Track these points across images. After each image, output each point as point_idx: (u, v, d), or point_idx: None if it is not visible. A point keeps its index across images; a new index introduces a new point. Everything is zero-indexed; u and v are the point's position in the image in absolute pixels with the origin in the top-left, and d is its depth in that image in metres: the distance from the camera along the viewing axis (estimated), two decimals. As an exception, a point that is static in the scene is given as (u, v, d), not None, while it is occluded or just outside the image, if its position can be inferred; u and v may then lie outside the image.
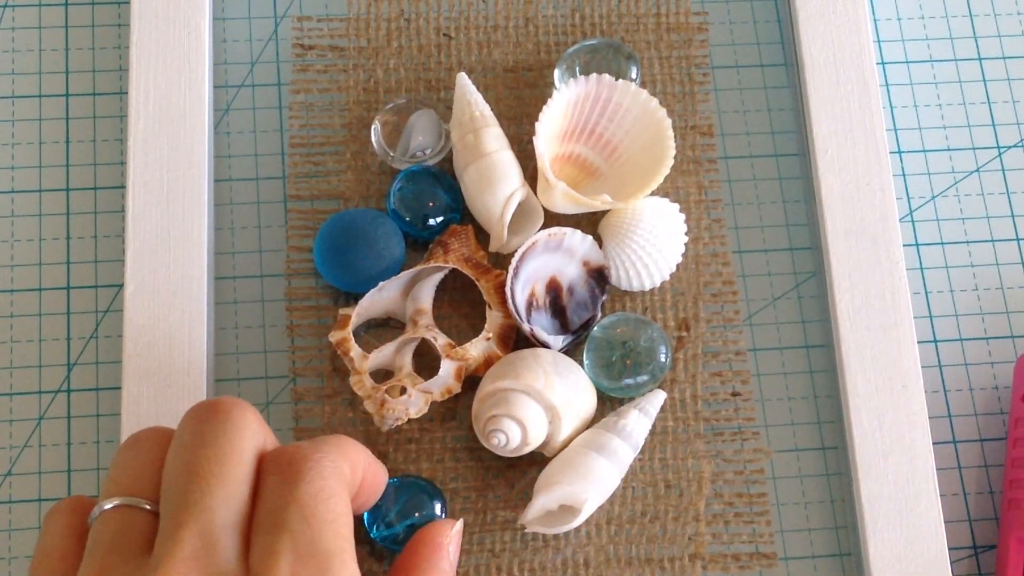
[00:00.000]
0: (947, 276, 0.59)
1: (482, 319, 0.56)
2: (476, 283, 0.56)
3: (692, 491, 0.55)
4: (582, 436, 0.54)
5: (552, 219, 0.57)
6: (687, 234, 0.58)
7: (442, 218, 0.57)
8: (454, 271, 0.56)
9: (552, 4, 0.62)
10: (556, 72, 0.60)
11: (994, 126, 0.62)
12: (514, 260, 0.55)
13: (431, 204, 0.57)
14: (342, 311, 0.55)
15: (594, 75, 0.57)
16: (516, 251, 0.55)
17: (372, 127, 0.58)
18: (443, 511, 0.53)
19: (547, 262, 0.56)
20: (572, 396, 0.53)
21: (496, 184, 0.56)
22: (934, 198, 0.61)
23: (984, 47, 0.63)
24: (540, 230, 0.56)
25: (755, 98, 0.62)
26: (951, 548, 0.54)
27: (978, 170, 0.61)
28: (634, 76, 0.59)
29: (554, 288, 0.56)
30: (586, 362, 0.55)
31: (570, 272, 0.56)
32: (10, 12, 0.62)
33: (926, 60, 0.63)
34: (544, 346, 0.55)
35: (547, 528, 0.52)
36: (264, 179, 0.60)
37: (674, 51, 0.61)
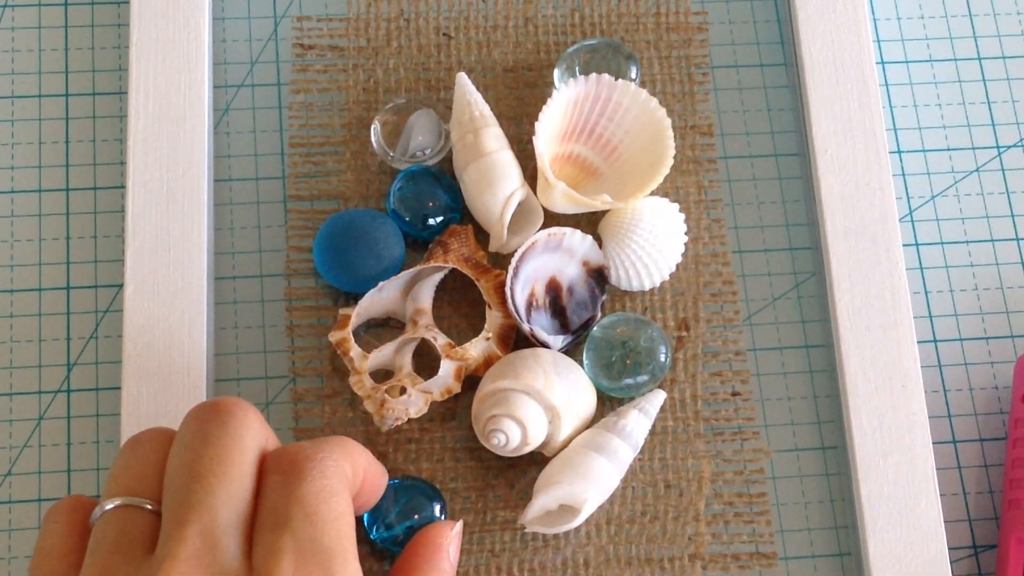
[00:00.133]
0: (947, 276, 0.59)
1: (482, 319, 0.56)
2: (476, 283, 0.56)
3: (692, 491, 0.55)
4: (582, 436, 0.54)
5: (552, 219, 0.57)
6: (687, 234, 0.58)
7: (442, 218, 0.57)
8: (454, 271, 0.56)
9: (552, 4, 0.62)
10: (556, 72, 0.60)
11: (994, 126, 0.62)
12: (514, 260, 0.55)
13: (431, 204, 0.57)
14: (342, 311, 0.55)
15: (594, 75, 0.57)
16: (516, 251, 0.55)
17: (372, 127, 0.58)
18: (442, 512, 0.53)
19: (547, 262, 0.56)
20: (572, 396, 0.53)
21: (496, 184, 0.56)
22: (934, 198, 0.61)
23: (984, 47, 0.63)
24: (540, 230, 0.56)
25: (755, 98, 0.62)
26: (951, 548, 0.54)
27: (978, 170, 0.61)
28: (634, 76, 0.59)
29: (554, 288, 0.56)
30: (586, 362, 0.55)
31: (570, 272, 0.56)
32: (10, 12, 0.62)
33: (926, 60, 0.63)
34: (544, 346, 0.55)
35: (547, 528, 0.52)
36: (264, 179, 0.60)
37: (674, 51, 0.61)
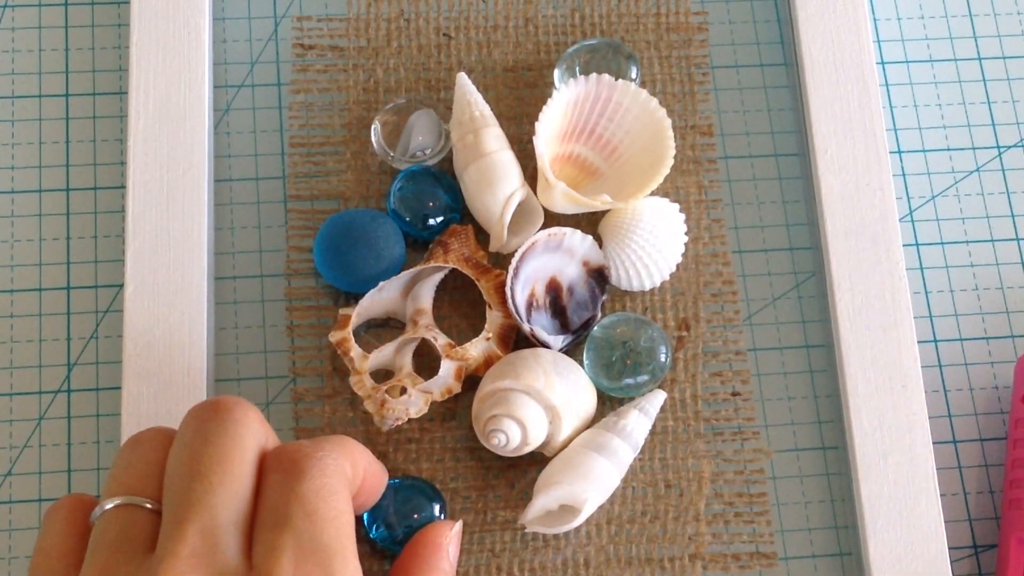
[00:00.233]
0: (947, 276, 0.59)
1: (482, 319, 0.56)
2: (476, 283, 0.56)
3: (692, 491, 0.55)
4: (582, 436, 0.54)
5: (552, 219, 0.57)
6: (687, 234, 0.58)
7: (442, 218, 0.57)
8: (454, 271, 0.56)
9: (552, 4, 0.62)
10: (556, 72, 0.60)
11: (994, 126, 0.62)
12: (514, 260, 0.55)
13: (431, 204, 0.57)
14: (342, 311, 0.55)
15: (594, 75, 0.57)
16: (516, 251, 0.55)
17: (372, 127, 0.58)
18: (442, 512, 0.53)
19: (547, 262, 0.56)
20: (572, 396, 0.53)
21: (496, 184, 0.56)
22: (934, 198, 0.61)
23: (984, 47, 0.63)
24: (540, 230, 0.56)
25: (755, 98, 0.62)
26: (951, 548, 0.54)
27: (978, 170, 0.61)
28: (634, 76, 0.59)
29: (554, 288, 0.56)
30: (586, 362, 0.55)
31: (570, 272, 0.56)
32: (10, 12, 0.62)
33: (926, 60, 0.63)
34: (544, 346, 0.55)
35: (547, 528, 0.52)
36: (264, 179, 0.60)
37: (674, 51, 0.61)
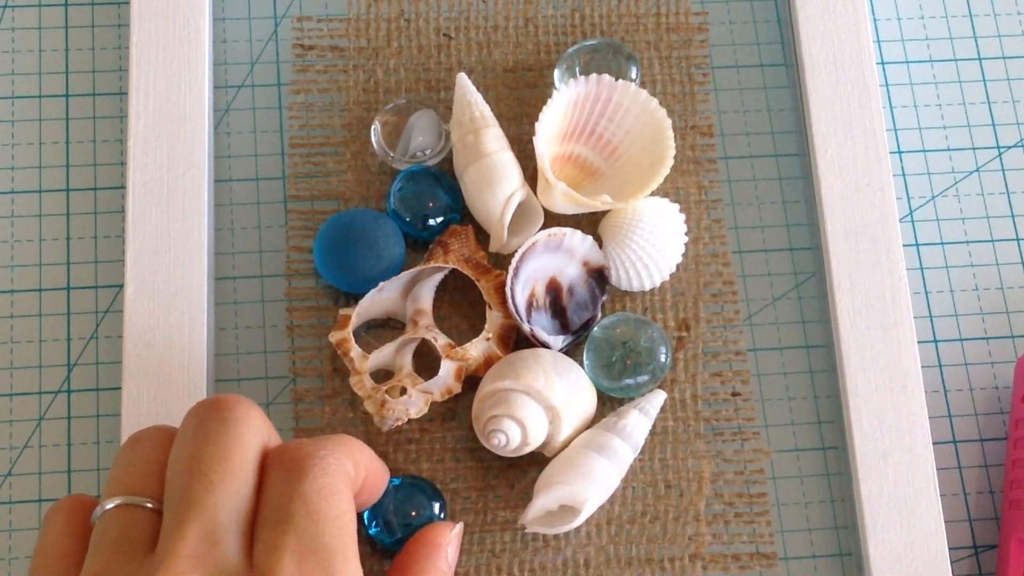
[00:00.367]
0: (947, 276, 0.59)
1: (482, 319, 0.56)
2: (476, 283, 0.56)
3: (692, 491, 0.55)
4: (582, 436, 0.54)
5: (552, 219, 0.57)
6: (687, 234, 0.58)
7: (442, 218, 0.57)
8: (454, 271, 0.56)
9: (552, 4, 0.62)
10: (556, 72, 0.60)
11: (994, 126, 0.62)
12: (514, 260, 0.55)
13: (431, 204, 0.57)
14: (342, 311, 0.55)
15: (594, 75, 0.57)
16: (516, 251, 0.55)
17: (372, 127, 0.58)
18: (442, 512, 0.53)
19: (547, 262, 0.56)
20: (572, 396, 0.53)
21: (496, 184, 0.56)
22: (934, 198, 0.61)
23: (984, 47, 0.63)
24: (540, 230, 0.56)
25: (755, 98, 0.62)
26: (951, 548, 0.54)
27: (978, 170, 0.61)
28: (634, 76, 0.59)
29: (554, 288, 0.56)
30: (586, 362, 0.55)
31: (570, 272, 0.56)
32: (10, 12, 0.62)
33: (926, 60, 0.63)
34: (544, 346, 0.55)
35: (547, 528, 0.52)
36: (264, 179, 0.60)
37: (674, 51, 0.61)
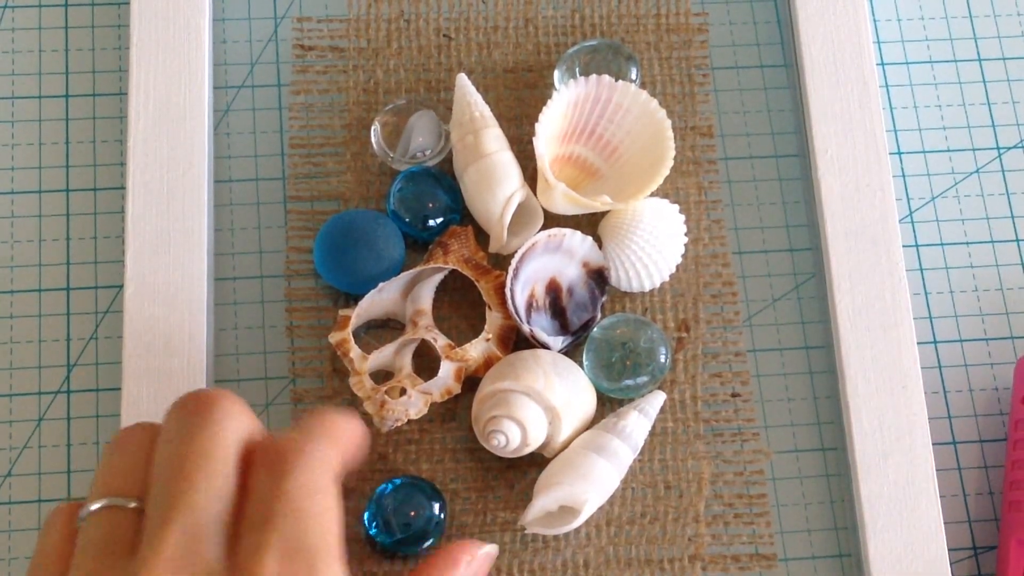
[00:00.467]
0: (947, 277, 0.59)
1: (482, 320, 0.56)
2: (476, 284, 0.56)
3: (692, 492, 0.55)
4: (582, 437, 0.54)
5: (552, 220, 0.57)
6: (687, 235, 0.58)
7: (442, 219, 0.57)
8: (454, 272, 0.56)
9: (552, 5, 0.62)
10: (556, 73, 0.60)
11: (994, 127, 0.62)
12: (514, 261, 0.55)
13: (431, 205, 0.56)
14: (342, 312, 0.55)
15: (594, 76, 0.57)
16: (516, 252, 0.55)
17: (372, 128, 0.58)
18: (443, 512, 0.53)
19: (547, 263, 0.56)
20: (572, 397, 0.53)
21: (496, 185, 0.56)
22: (934, 199, 0.61)
23: (984, 48, 0.63)
24: (540, 231, 0.56)
25: (755, 99, 0.62)
26: (951, 549, 0.54)
27: (978, 171, 0.61)
28: (634, 77, 0.59)
29: (554, 289, 0.56)
30: (586, 363, 0.55)
31: (570, 273, 0.56)
32: (10, 13, 0.62)
33: (926, 61, 0.63)
34: (544, 347, 0.55)
35: (547, 529, 0.52)
36: (264, 180, 0.60)
37: (674, 52, 0.61)
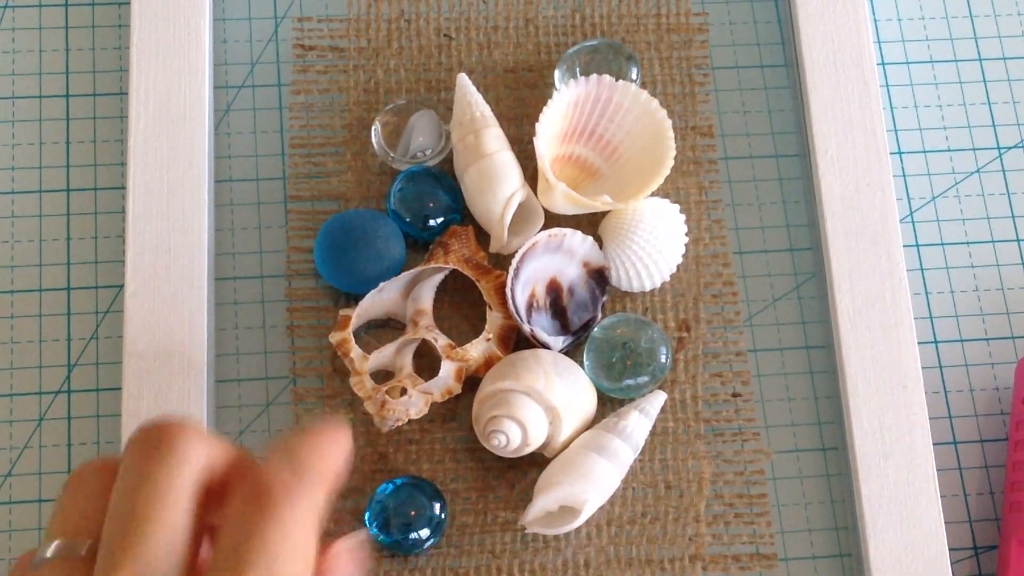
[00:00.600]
0: (947, 277, 0.59)
1: (482, 320, 0.56)
2: (476, 284, 0.56)
3: (692, 492, 0.55)
4: (582, 437, 0.54)
5: (552, 220, 0.57)
6: (687, 235, 0.58)
7: (442, 219, 0.57)
8: (454, 272, 0.56)
9: (552, 5, 0.62)
10: (556, 73, 0.60)
11: (994, 127, 0.62)
12: (514, 261, 0.55)
13: (431, 205, 0.56)
14: (342, 312, 0.55)
15: (594, 76, 0.57)
16: (516, 252, 0.55)
17: (372, 128, 0.58)
18: (443, 512, 0.53)
19: (547, 263, 0.56)
20: (572, 397, 0.53)
21: (496, 185, 0.56)
22: (934, 199, 0.61)
23: (984, 48, 0.63)
24: (540, 231, 0.56)
25: (755, 99, 0.62)
26: (951, 549, 0.54)
27: (978, 171, 0.61)
28: (634, 77, 0.59)
29: (554, 289, 0.56)
30: (586, 363, 0.55)
31: (570, 273, 0.56)
32: (10, 13, 0.62)
33: (926, 61, 0.63)
34: (544, 347, 0.55)
35: (547, 529, 0.52)
36: (264, 180, 0.60)
37: (674, 52, 0.61)
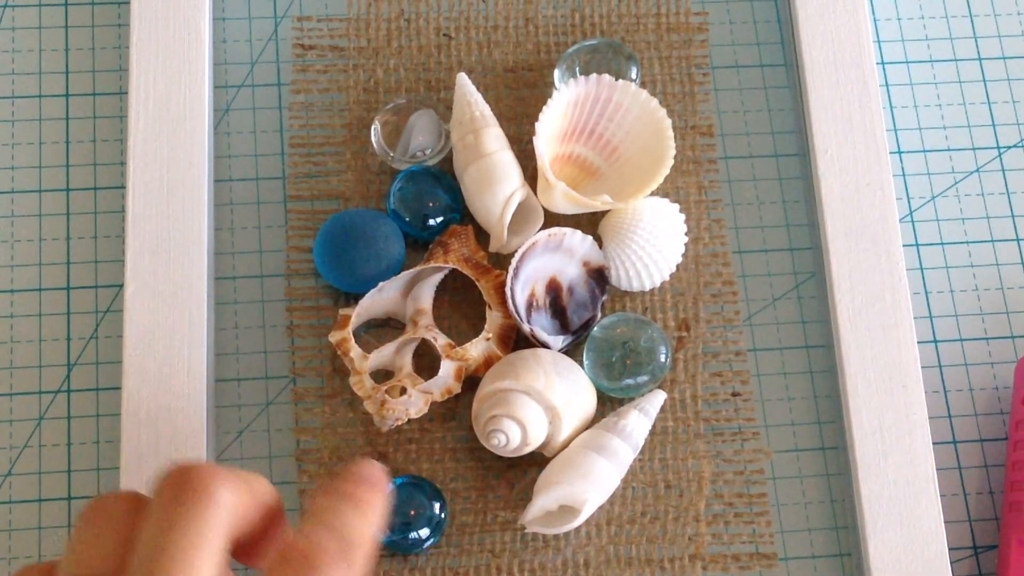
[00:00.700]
0: (947, 276, 0.59)
1: (482, 319, 0.56)
2: (476, 283, 0.56)
3: (692, 491, 0.55)
4: (582, 436, 0.54)
5: (552, 219, 0.57)
6: (687, 234, 0.58)
7: (442, 218, 0.57)
8: (454, 271, 0.56)
9: (552, 4, 0.62)
10: (556, 72, 0.60)
11: (994, 126, 0.62)
12: (514, 260, 0.55)
13: (431, 204, 0.56)
14: (342, 311, 0.55)
15: (594, 75, 0.57)
16: (516, 251, 0.55)
17: (372, 127, 0.58)
18: (443, 511, 0.53)
19: (547, 262, 0.56)
20: (572, 396, 0.53)
21: (496, 184, 0.56)
22: (934, 198, 0.61)
23: (984, 47, 0.63)
24: (540, 230, 0.56)
25: (755, 98, 0.62)
26: (951, 548, 0.54)
27: (978, 170, 0.61)
28: (634, 76, 0.59)
29: (554, 288, 0.56)
30: (586, 362, 0.55)
31: (570, 272, 0.56)
32: (10, 12, 0.62)
33: (926, 60, 0.63)
34: (544, 346, 0.55)
35: (547, 528, 0.52)
36: (264, 179, 0.60)
37: (674, 51, 0.61)
